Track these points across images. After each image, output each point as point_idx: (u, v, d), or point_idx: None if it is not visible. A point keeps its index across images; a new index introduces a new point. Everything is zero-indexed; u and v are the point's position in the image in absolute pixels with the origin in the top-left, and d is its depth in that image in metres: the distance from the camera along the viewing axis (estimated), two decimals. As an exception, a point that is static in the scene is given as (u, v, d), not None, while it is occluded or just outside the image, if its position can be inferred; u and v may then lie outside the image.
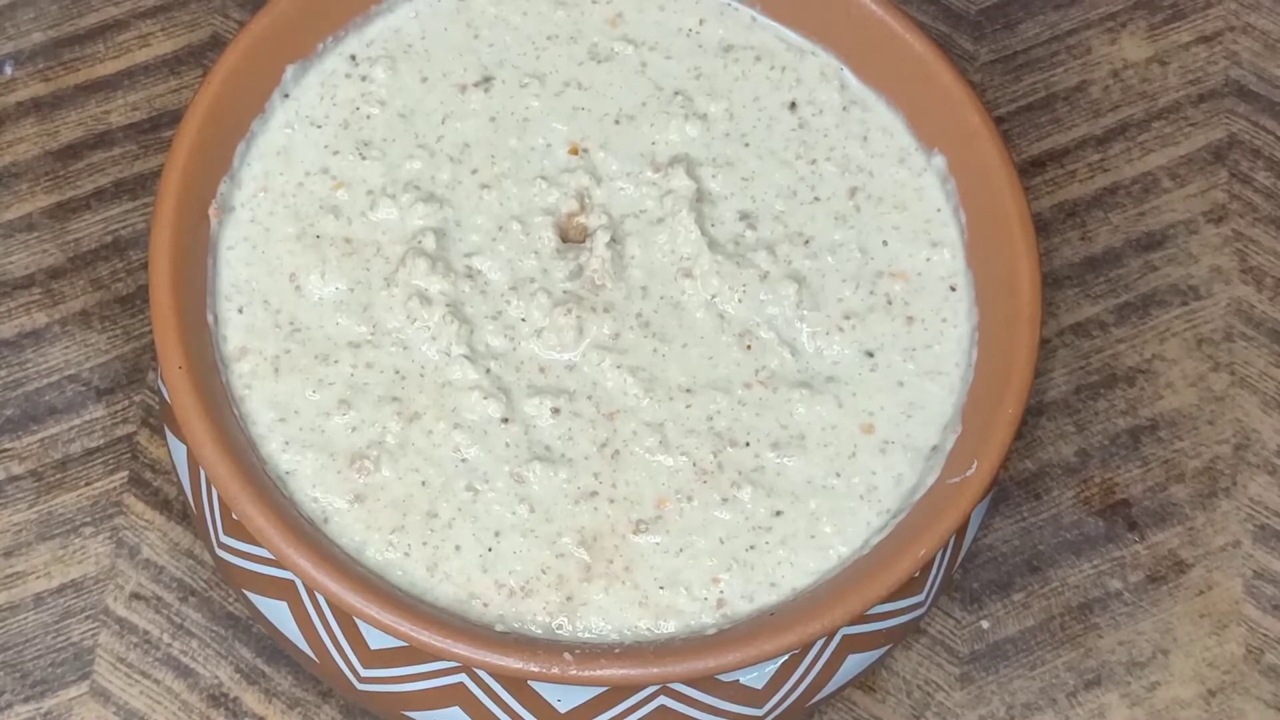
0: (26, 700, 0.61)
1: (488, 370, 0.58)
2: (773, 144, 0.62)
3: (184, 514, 0.64)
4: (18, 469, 0.64)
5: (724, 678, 0.54)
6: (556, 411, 0.57)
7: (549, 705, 0.54)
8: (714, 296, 0.59)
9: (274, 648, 0.62)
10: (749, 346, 0.58)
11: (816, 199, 0.61)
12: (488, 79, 0.62)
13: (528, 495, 0.56)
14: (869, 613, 0.54)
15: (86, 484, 0.64)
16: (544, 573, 0.55)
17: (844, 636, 0.55)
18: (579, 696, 0.54)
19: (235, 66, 0.60)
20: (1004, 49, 0.75)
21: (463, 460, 0.56)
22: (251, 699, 0.61)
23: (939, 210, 0.61)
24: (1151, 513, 0.65)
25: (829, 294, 0.59)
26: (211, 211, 0.59)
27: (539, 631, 0.54)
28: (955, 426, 0.57)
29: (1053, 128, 0.73)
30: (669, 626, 0.54)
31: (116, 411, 0.65)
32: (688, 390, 0.58)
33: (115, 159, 0.70)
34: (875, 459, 0.57)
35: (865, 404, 0.58)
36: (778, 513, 0.56)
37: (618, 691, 0.54)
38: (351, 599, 0.51)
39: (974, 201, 0.60)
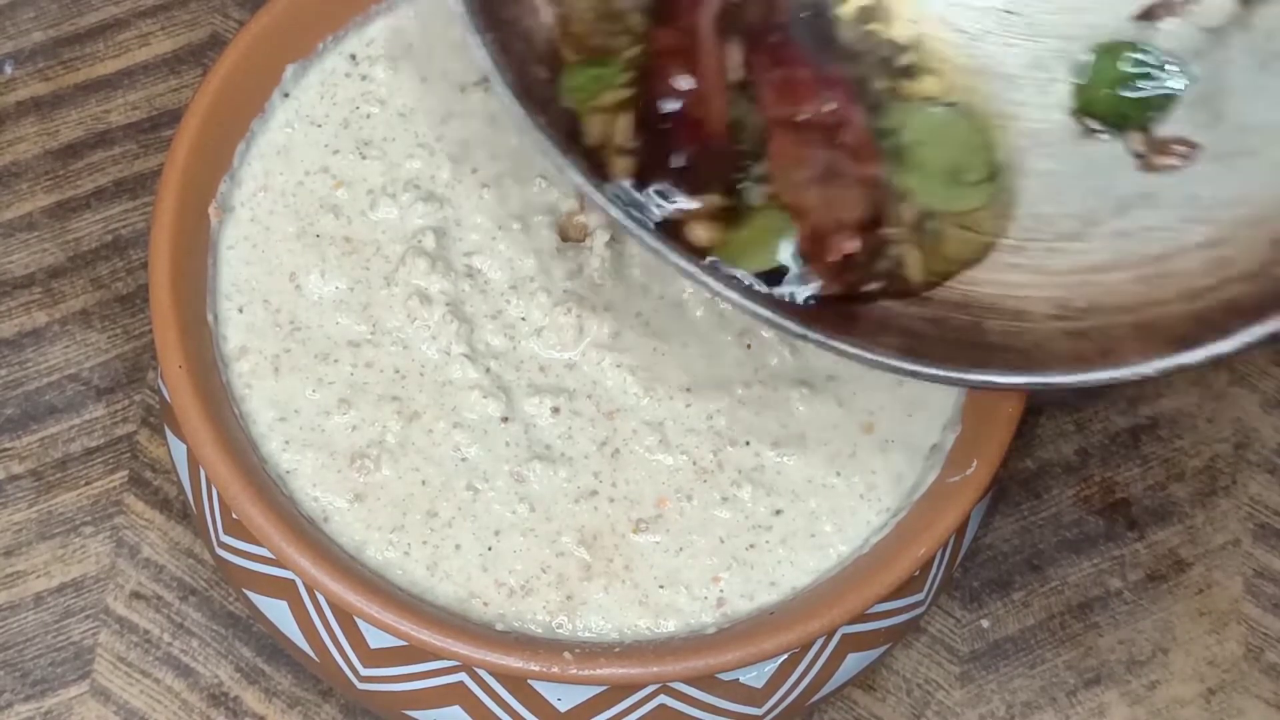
0: (27, 699, 0.61)
1: (487, 369, 0.58)
2: (772, 143, 0.62)
3: (184, 513, 0.64)
4: (18, 468, 0.64)
5: (724, 676, 0.54)
6: (556, 410, 0.57)
7: (549, 704, 0.54)
8: (714, 295, 0.59)
9: (274, 647, 0.62)
10: (749, 345, 0.58)
11: (816, 198, 0.61)
12: (488, 79, 0.62)
13: (528, 494, 0.56)
14: (869, 611, 0.54)
15: (86, 483, 0.64)
16: (544, 572, 0.55)
17: (844, 635, 0.55)
18: (579, 695, 0.54)
19: (235, 66, 0.60)
20: (1004, 48, 0.75)
21: (463, 459, 0.56)
22: (252, 698, 0.61)
23: (939, 209, 0.61)
24: (1151, 511, 0.65)
25: (829, 293, 0.59)
26: (211, 211, 0.59)
27: (539, 630, 0.54)
28: (955, 425, 0.57)
29: (1053, 126, 0.73)
30: (669, 625, 0.54)
31: (116, 411, 0.65)
32: (687, 389, 0.58)
33: (115, 158, 0.70)
34: (875, 458, 0.57)
35: (865, 402, 0.58)
36: (778, 511, 0.56)
37: (618, 690, 0.54)
38: (351, 598, 0.52)
39: (974, 200, 0.60)
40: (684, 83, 0.54)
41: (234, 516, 0.55)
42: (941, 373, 0.51)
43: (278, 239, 0.59)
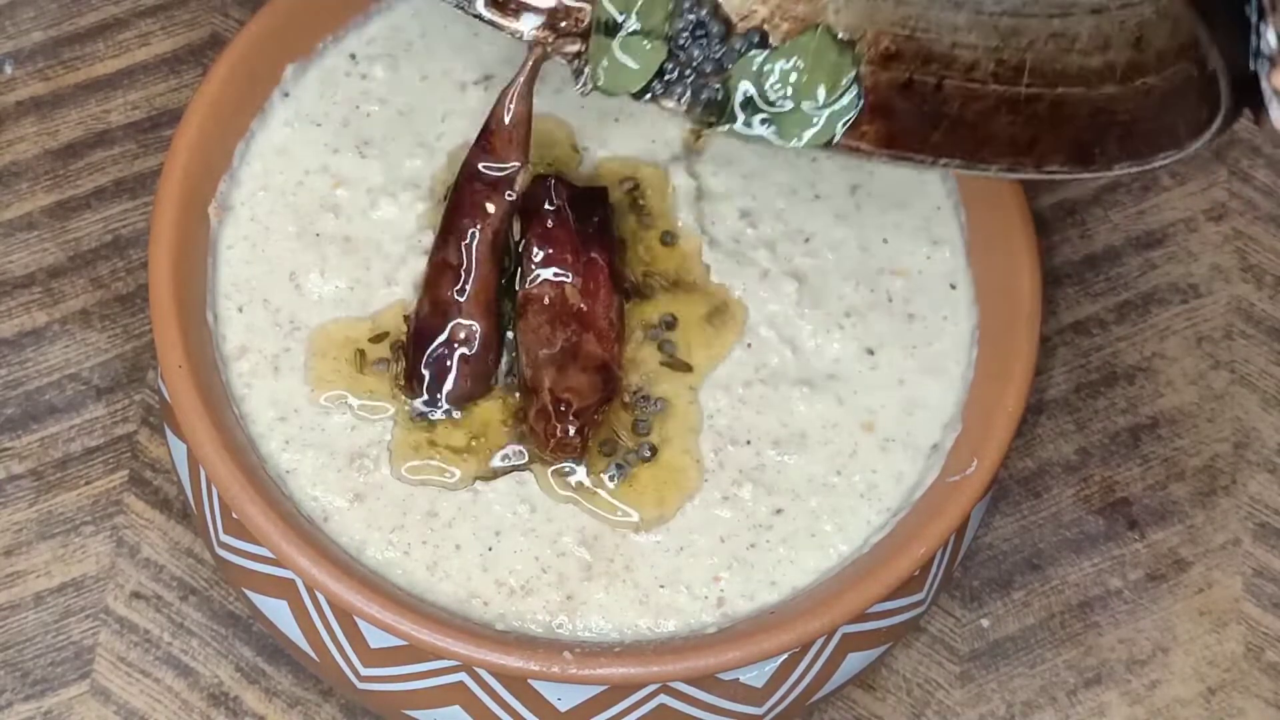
0: (27, 699, 0.61)
1: (488, 369, 0.58)
2: (773, 142, 0.62)
3: (184, 513, 0.64)
4: (18, 468, 0.64)
5: (724, 676, 0.54)
6: (557, 410, 0.57)
7: (549, 704, 0.54)
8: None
9: (274, 647, 0.62)
10: (749, 345, 0.58)
11: (817, 196, 0.61)
12: (488, 77, 0.62)
13: (528, 495, 0.56)
14: (869, 611, 0.54)
15: (86, 483, 0.64)
16: (544, 571, 0.55)
17: (844, 635, 0.55)
18: (579, 695, 0.54)
19: (235, 66, 0.60)
20: (1004, 47, 0.74)
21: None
22: (252, 698, 0.61)
23: (939, 208, 0.61)
24: (1151, 511, 0.65)
25: (829, 291, 0.59)
26: (211, 210, 0.59)
27: (539, 630, 0.54)
28: (955, 424, 0.57)
29: (1053, 126, 0.73)
30: (669, 625, 0.54)
31: (116, 410, 0.65)
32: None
33: (115, 158, 0.70)
34: (876, 457, 0.57)
35: (866, 402, 0.58)
36: (778, 511, 0.56)
37: (618, 690, 0.54)
38: (352, 598, 0.51)
39: (974, 199, 0.60)
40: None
41: (234, 516, 0.55)
42: (913, 160, 0.55)
43: (278, 238, 0.59)
